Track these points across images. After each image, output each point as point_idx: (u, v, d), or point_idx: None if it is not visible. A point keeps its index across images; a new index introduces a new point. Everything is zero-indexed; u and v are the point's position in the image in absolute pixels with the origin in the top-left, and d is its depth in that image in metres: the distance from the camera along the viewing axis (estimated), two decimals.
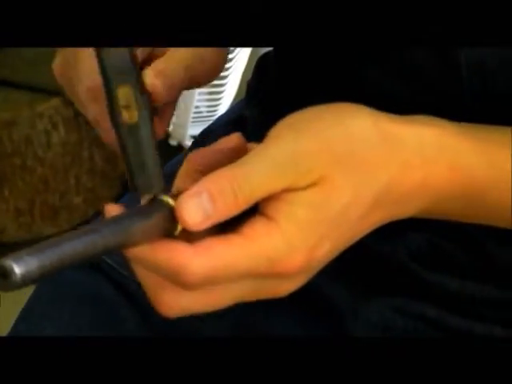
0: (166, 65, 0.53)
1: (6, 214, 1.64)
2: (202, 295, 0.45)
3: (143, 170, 0.48)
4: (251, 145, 0.50)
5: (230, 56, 1.67)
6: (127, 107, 0.47)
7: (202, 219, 0.43)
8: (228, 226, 0.45)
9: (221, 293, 0.45)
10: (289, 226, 0.44)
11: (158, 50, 0.54)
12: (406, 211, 0.50)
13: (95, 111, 0.54)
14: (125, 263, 0.70)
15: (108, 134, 0.53)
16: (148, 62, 0.53)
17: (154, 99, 0.52)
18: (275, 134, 0.46)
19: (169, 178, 0.60)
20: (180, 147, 1.81)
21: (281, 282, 0.46)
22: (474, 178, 0.50)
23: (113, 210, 0.45)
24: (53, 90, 1.51)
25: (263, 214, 0.45)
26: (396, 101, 0.52)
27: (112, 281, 0.69)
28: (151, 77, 0.51)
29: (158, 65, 0.52)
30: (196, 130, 1.81)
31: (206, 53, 0.54)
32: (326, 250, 0.46)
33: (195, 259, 0.43)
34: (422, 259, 0.63)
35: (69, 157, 1.61)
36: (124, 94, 0.47)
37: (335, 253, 0.48)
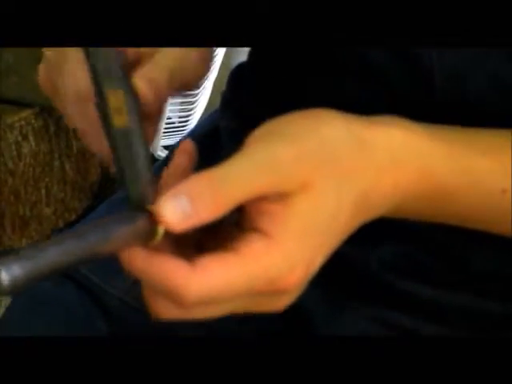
0: (155, 73, 0.52)
1: None
2: (196, 310, 0.44)
3: (135, 174, 0.47)
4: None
5: None
6: (118, 112, 0.47)
7: (182, 219, 0.42)
8: (214, 237, 0.45)
9: (215, 308, 0.45)
10: (287, 241, 0.44)
11: (145, 53, 0.53)
12: (378, 213, 0.50)
13: (81, 117, 0.52)
14: (96, 270, 0.70)
15: (95, 140, 0.52)
16: (134, 65, 0.53)
17: (144, 107, 0.51)
18: (252, 141, 0.46)
19: None
20: (152, 158, 1.80)
21: (279, 297, 0.46)
22: (443, 184, 0.50)
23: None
24: (23, 102, 1.50)
25: (258, 230, 0.44)
26: (368, 109, 0.52)
27: (85, 290, 0.69)
28: (142, 86, 0.50)
29: (147, 73, 0.51)
30: (168, 140, 1.80)
31: (190, 59, 0.54)
32: (320, 259, 0.46)
33: (193, 281, 0.42)
34: (395, 268, 0.63)
35: (39, 167, 1.60)
36: (115, 98, 0.47)
37: (325, 260, 0.47)
